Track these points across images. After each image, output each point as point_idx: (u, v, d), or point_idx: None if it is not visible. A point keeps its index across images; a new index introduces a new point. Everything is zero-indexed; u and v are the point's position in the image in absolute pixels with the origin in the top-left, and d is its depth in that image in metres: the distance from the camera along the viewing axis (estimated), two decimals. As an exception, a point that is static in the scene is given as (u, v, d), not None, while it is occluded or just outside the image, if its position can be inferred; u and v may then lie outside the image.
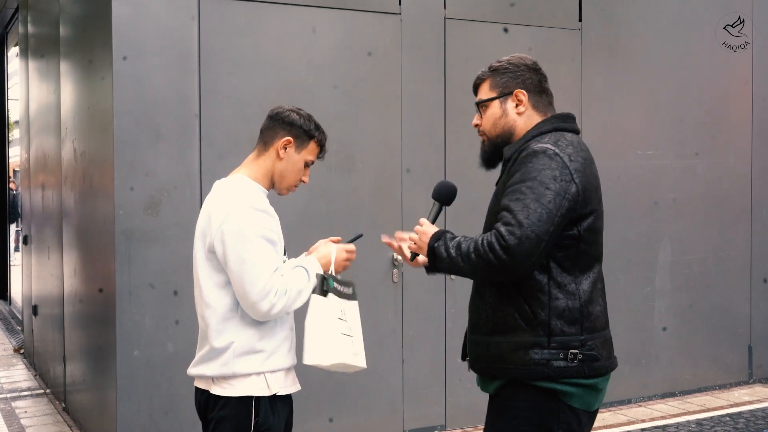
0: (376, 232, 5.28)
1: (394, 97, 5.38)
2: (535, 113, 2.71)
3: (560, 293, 2.53)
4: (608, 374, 2.62)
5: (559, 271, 2.54)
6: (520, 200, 2.45)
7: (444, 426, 5.55)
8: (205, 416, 2.85)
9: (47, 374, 7.01)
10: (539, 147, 2.53)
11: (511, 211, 2.45)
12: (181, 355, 4.65)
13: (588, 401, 2.57)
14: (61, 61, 6.20)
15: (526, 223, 2.40)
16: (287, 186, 2.92)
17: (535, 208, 2.42)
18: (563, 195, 2.46)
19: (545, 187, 2.45)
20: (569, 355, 2.50)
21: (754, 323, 6.92)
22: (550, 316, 2.51)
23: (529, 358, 2.51)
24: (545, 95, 2.75)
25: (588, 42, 6.12)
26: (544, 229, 2.42)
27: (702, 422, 5.84)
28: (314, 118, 2.94)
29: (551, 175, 2.47)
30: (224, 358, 2.74)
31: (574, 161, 2.52)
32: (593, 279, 2.64)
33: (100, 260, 5.00)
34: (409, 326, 5.41)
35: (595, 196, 2.60)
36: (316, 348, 2.76)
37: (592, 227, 2.60)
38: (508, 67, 2.73)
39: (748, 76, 6.88)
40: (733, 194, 6.80)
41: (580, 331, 2.53)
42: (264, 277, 2.67)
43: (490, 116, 2.73)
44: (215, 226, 2.73)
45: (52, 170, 6.67)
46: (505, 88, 2.71)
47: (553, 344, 2.50)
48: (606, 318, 2.68)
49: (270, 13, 5.01)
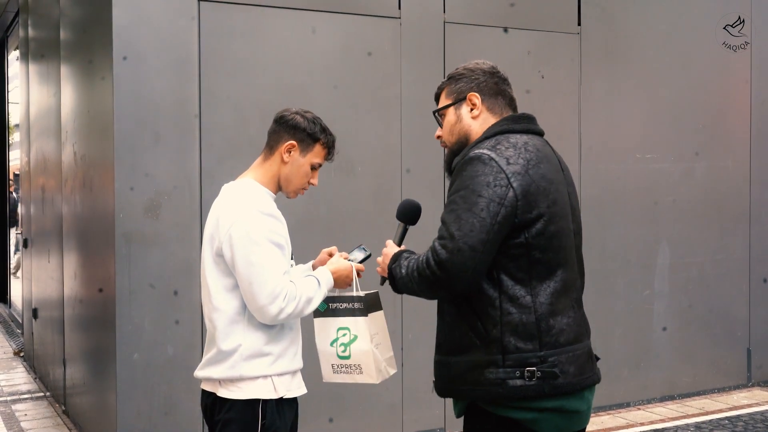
0: (376, 233, 5.31)
1: (393, 100, 5.39)
2: (491, 116, 2.60)
3: (512, 307, 2.36)
4: (578, 393, 2.43)
5: (511, 283, 2.37)
6: (454, 211, 2.35)
7: (443, 429, 5.55)
8: (212, 418, 2.85)
9: (47, 377, 7.02)
10: (474, 153, 2.41)
11: (445, 224, 2.36)
12: (181, 358, 4.66)
13: (557, 425, 2.40)
14: (61, 64, 6.21)
15: (458, 234, 2.30)
16: (294, 189, 2.92)
17: (467, 218, 2.31)
18: (498, 201, 2.31)
19: (477, 195, 2.32)
20: (526, 373, 2.33)
21: (752, 326, 6.92)
22: (503, 333, 2.35)
23: (485, 378, 2.36)
24: (502, 97, 2.63)
25: (587, 46, 6.13)
26: (477, 239, 2.29)
27: (701, 425, 5.84)
28: (321, 121, 2.92)
29: (484, 181, 2.33)
30: (231, 361, 2.75)
31: (512, 164, 2.37)
32: (554, 289, 2.41)
33: (100, 263, 5.01)
34: (408, 329, 5.42)
35: (543, 199, 2.39)
36: (321, 367, 2.94)
37: (543, 232, 2.38)
38: (463, 72, 2.67)
39: (748, 76, 6.89)
40: (731, 197, 6.81)
41: (539, 347, 2.35)
42: (272, 281, 2.67)
43: (447, 124, 2.66)
44: (223, 230, 2.74)
45: (53, 173, 6.68)
46: (460, 94, 2.63)
47: (508, 362, 2.34)
48: (579, 330, 2.48)
49: (269, 16, 5.02)
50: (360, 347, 2.87)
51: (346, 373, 2.91)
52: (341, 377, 2.93)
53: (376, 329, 2.90)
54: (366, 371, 2.88)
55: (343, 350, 2.90)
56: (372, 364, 2.86)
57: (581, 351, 2.46)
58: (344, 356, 2.90)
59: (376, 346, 2.88)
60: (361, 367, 2.88)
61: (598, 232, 6.05)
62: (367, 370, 2.87)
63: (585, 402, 2.47)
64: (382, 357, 2.90)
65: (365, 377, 2.88)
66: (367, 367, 2.87)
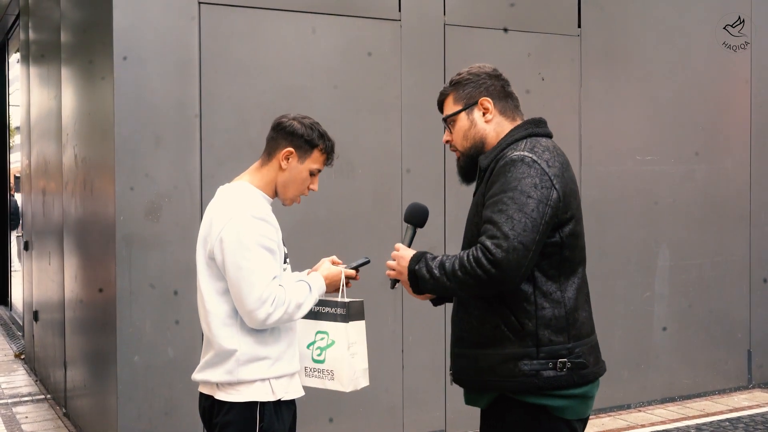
0: (376, 235, 5.32)
1: (393, 102, 5.39)
2: (504, 119, 2.68)
3: (546, 302, 2.49)
4: (597, 380, 2.61)
5: (544, 279, 2.50)
6: (503, 211, 2.41)
7: (444, 430, 5.55)
8: (210, 421, 2.85)
9: (48, 379, 7.02)
10: (516, 155, 2.49)
11: (495, 224, 2.41)
12: (181, 360, 4.66)
13: (580, 410, 2.56)
14: (62, 66, 6.22)
15: (512, 234, 2.37)
16: (291, 197, 2.90)
17: (519, 218, 2.39)
18: (545, 202, 2.43)
19: (527, 195, 2.41)
20: (558, 365, 2.48)
21: (753, 328, 6.92)
22: (538, 326, 2.48)
23: (519, 370, 2.47)
24: (510, 100, 2.72)
25: (587, 47, 6.14)
26: (530, 238, 2.39)
27: (701, 427, 5.84)
28: (319, 126, 2.90)
29: (531, 182, 2.43)
30: (229, 365, 2.74)
31: (552, 167, 2.48)
32: (578, 285, 2.58)
33: (101, 266, 5.01)
34: (408, 331, 5.42)
35: (573, 201, 2.55)
36: None
37: (573, 232, 2.53)
38: (469, 77, 2.71)
39: (748, 76, 6.90)
40: (731, 199, 6.81)
41: (568, 339, 2.51)
42: (261, 286, 2.67)
43: (459, 129, 2.70)
44: (215, 233, 2.74)
45: (53, 176, 6.69)
46: (470, 99, 2.68)
47: (542, 354, 2.48)
48: (591, 323, 2.66)
49: (270, 18, 5.03)
50: (335, 353, 2.87)
51: (317, 377, 2.91)
52: (313, 381, 2.92)
53: (355, 338, 2.89)
54: (337, 378, 2.86)
55: (319, 354, 2.90)
56: (344, 372, 2.85)
57: (595, 342, 2.65)
58: (319, 360, 2.90)
59: (352, 355, 2.86)
60: (333, 373, 2.87)
61: (598, 233, 6.04)
62: (339, 377, 2.86)
63: (597, 389, 2.63)
64: (357, 367, 2.88)
65: (336, 384, 2.87)
66: (339, 374, 2.86)
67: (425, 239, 3.03)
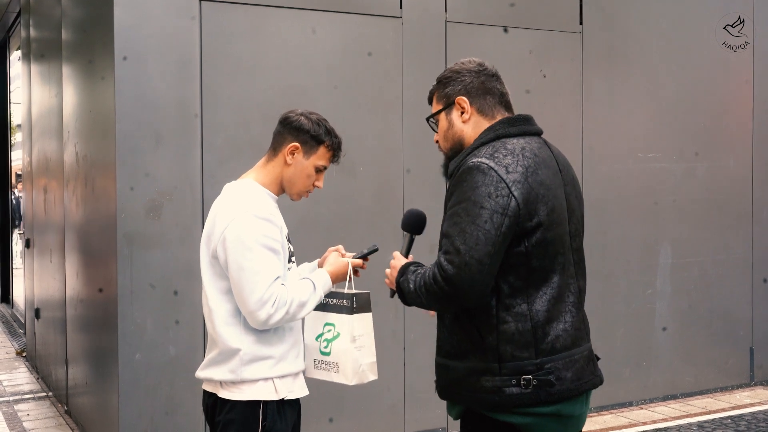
0: (377, 233, 5.31)
1: (394, 100, 5.39)
2: (482, 118, 2.54)
3: (509, 316, 2.35)
4: (574, 399, 2.42)
5: (508, 292, 2.35)
6: (458, 224, 2.30)
7: (445, 429, 5.55)
8: (213, 419, 2.85)
9: (49, 377, 7.02)
10: (472, 163, 2.35)
11: (449, 237, 2.31)
12: (183, 358, 4.66)
13: (553, 429, 2.40)
14: (63, 64, 6.21)
15: (464, 249, 2.26)
16: (297, 192, 2.89)
17: (472, 231, 2.27)
18: (501, 212, 2.28)
19: (480, 206, 2.28)
20: (522, 381, 2.33)
21: (755, 326, 6.92)
22: (499, 341, 2.35)
23: (481, 385, 2.36)
24: (491, 96, 2.55)
25: (589, 45, 6.13)
26: (483, 252, 2.26)
27: (703, 424, 5.84)
28: (327, 123, 2.89)
29: (485, 192, 2.29)
30: (232, 364, 2.74)
31: (512, 172, 2.32)
32: (550, 296, 2.39)
33: (102, 263, 5.01)
34: (410, 329, 5.42)
35: (543, 206, 2.36)
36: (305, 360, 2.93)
37: (541, 240, 2.36)
38: (450, 75, 2.59)
39: (749, 75, 6.89)
40: (733, 196, 6.80)
41: (535, 354, 2.34)
42: (262, 286, 2.65)
43: (441, 130, 2.61)
44: (218, 231, 2.73)
45: (54, 174, 6.69)
46: (448, 99, 2.58)
47: (505, 370, 2.34)
48: (577, 335, 2.45)
49: (271, 16, 5.02)
50: (340, 345, 2.84)
51: (324, 370, 2.88)
52: (320, 374, 2.90)
53: (361, 331, 2.85)
54: (342, 370, 2.83)
55: (325, 346, 2.88)
56: (349, 365, 2.82)
57: (579, 355, 2.45)
58: (325, 352, 2.87)
59: (358, 348, 2.83)
60: (338, 366, 2.84)
61: (600, 232, 6.04)
62: (344, 369, 2.83)
63: (581, 406, 2.47)
64: (363, 360, 2.84)
65: (341, 377, 2.84)
66: (343, 367, 2.83)
67: (426, 239, 3.02)
